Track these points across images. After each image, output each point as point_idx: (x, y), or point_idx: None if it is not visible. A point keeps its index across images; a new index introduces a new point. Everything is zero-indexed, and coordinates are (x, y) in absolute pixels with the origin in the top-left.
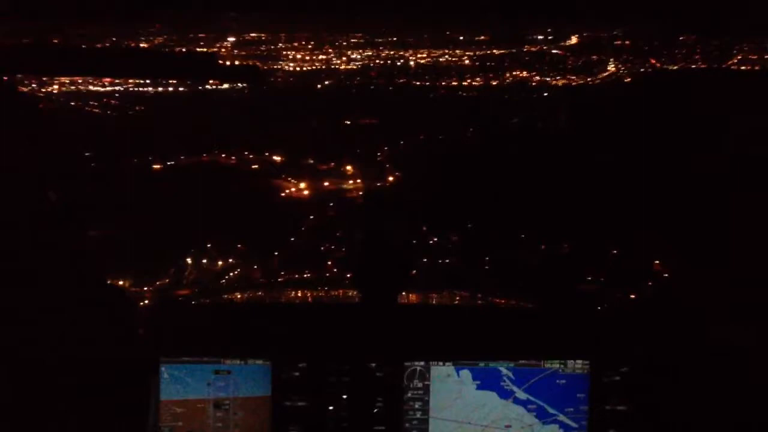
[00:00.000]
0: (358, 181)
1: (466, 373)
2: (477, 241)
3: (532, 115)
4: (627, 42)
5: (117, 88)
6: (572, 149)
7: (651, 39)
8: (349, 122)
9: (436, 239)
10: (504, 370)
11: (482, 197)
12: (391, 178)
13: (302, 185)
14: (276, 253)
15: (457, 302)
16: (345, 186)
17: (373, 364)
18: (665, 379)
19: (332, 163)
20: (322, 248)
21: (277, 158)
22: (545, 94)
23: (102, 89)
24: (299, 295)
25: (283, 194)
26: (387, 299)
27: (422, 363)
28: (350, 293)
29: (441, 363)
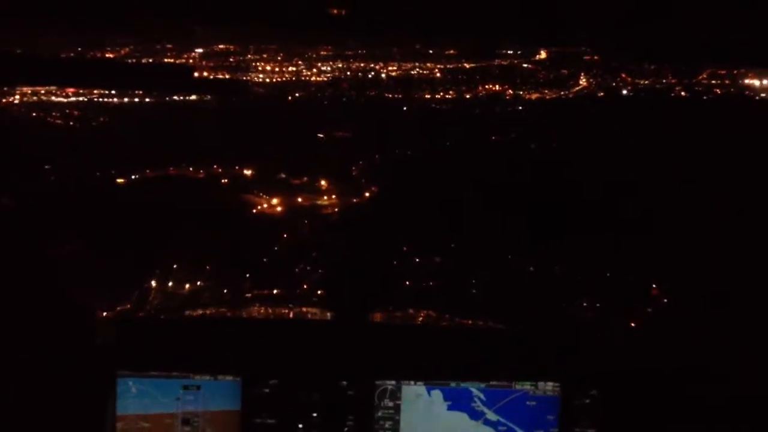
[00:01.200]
0: (333, 197)
1: (437, 393)
2: (455, 261)
3: (515, 130)
4: (596, 57)
5: (80, 98)
6: (559, 165)
7: (619, 56)
8: (322, 135)
9: (414, 259)
10: (475, 391)
11: (462, 215)
12: (367, 194)
13: (274, 201)
14: (247, 275)
15: (429, 322)
16: (319, 202)
17: (345, 382)
18: (635, 403)
19: (305, 178)
20: (297, 269)
21: (247, 172)
22: (520, 108)
23: (65, 100)
24: (270, 311)
25: (254, 210)
26: (359, 317)
27: (393, 382)
28: (322, 311)
29: (412, 382)
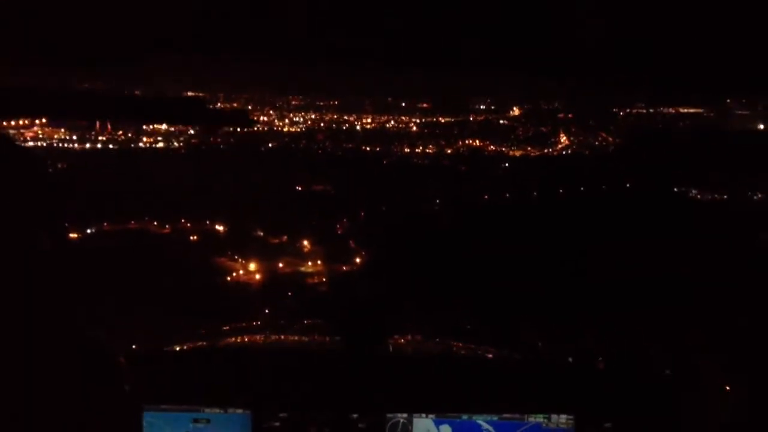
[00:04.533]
0: (318, 262)
1: (446, 428)
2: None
3: (502, 183)
4: (570, 115)
5: (40, 143)
6: (551, 218)
7: (593, 114)
8: (300, 188)
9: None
10: (484, 425)
11: (462, 276)
12: (358, 260)
13: (252, 266)
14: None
15: (441, 353)
16: (304, 269)
17: (355, 415)
18: None
19: (285, 236)
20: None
21: (220, 228)
22: (506, 165)
23: (23, 144)
24: (279, 344)
25: (228, 278)
26: (370, 349)
27: (405, 415)
28: (332, 343)
29: (423, 415)
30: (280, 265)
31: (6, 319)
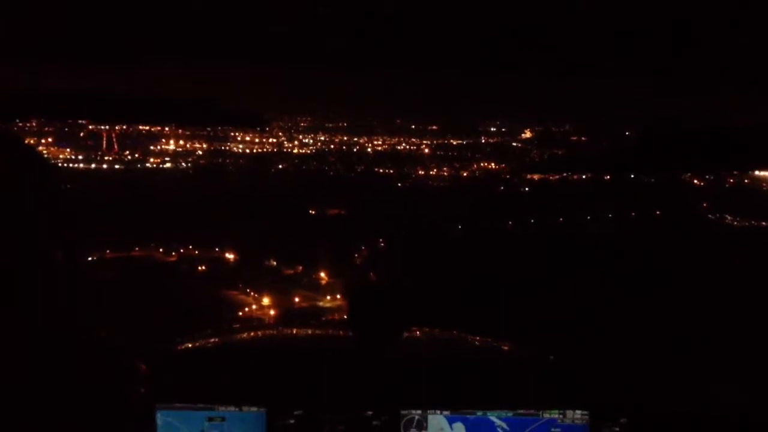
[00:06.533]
0: (338, 296)
1: (459, 426)
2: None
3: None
4: (583, 138)
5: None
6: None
7: (603, 135)
8: (313, 212)
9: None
10: (497, 421)
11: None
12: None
13: (265, 301)
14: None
15: (456, 349)
16: (322, 304)
17: (370, 413)
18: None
19: (300, 267)
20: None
21: (230, 256)
22: (526, 189)
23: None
24: (295, 332)
25: (240, 313)
26: (384, 347)
27: (419, 412)
28: (346, 340)
29: (438, 412)
30: (296, 299)
31: (13, 320)
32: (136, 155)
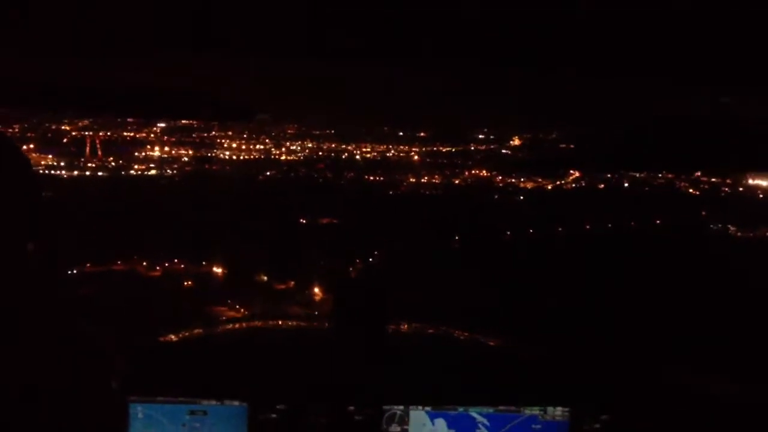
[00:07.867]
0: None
1: (440, 422)
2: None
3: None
4: (571, 146)
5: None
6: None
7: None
8: (304, 221)
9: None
10: (478, 417)
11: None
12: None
13: (257, 324)
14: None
15: (438, 344)
16: (318, 326)
17: (352, 407)
18: (646, 429)
19: (292, 282)
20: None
21: (217, 270)
22: (521, 197)
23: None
24: (278, 329)
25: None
26: (367, 341)
27: (401, 407)
28: (329, 334)
29: (420, 407)
30: (291, 323)
31: None
32: (121, 162)
